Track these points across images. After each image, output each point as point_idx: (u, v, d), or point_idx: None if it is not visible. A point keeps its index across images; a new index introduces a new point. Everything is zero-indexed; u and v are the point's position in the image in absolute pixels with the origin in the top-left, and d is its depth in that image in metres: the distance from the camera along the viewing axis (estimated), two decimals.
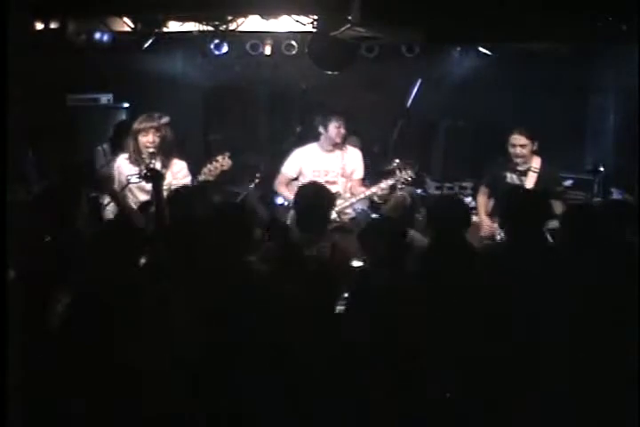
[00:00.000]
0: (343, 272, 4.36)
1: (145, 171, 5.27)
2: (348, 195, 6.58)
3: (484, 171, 6.68)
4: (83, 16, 7.39)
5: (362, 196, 6.53)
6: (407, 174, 6.42)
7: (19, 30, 6.01)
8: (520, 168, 6.25)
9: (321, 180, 6.51)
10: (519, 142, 6.16)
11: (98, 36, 7.67)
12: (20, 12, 5.89)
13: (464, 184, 8.08)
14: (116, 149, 6.46)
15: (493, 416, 3.39)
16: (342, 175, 6.60)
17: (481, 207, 6.56)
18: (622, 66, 7.55)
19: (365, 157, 6.88)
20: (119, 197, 5.55)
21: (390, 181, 6.44)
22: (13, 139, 3.98)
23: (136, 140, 5.81)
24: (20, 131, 5.67)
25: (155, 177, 5.06)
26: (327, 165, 6.61)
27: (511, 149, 6.20)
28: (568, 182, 7.44)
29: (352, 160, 6.66)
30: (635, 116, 7.14)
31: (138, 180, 5.49)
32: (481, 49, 8.17)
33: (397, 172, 6.42)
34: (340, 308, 3.82)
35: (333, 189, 6.53)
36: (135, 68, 8.26)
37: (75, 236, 4.26)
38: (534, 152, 6.26)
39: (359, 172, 6.70)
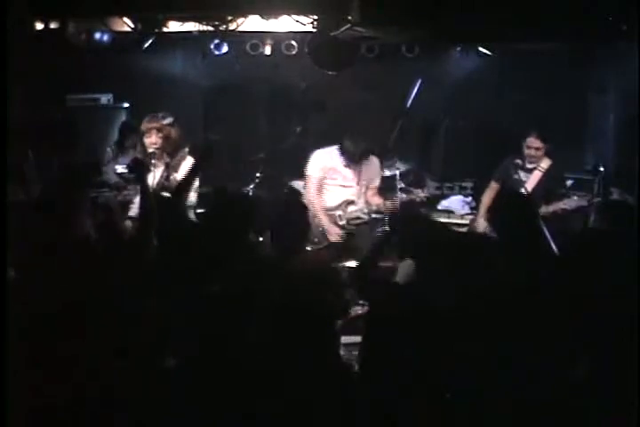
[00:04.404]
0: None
1: (130, 163, 5.28)
2: (361, 203, 6.61)
3: (497, 167, 6.76)
4: (83, 16, 7.38)
5: (374, 208, 6.58)
6: (423, 194, 6.55)
7: (19, 30, 6.03)
8: (529, 166, 6.49)
9: (338, 184, 6.54)
10: (534, 145, 6.44)
11: (98, 36, 7.67)
12: (19, 12, 5.91)
13: (464, 184, 8.07)
14: (121, 149, 6.51)
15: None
16: (358, 183, 6.61)
17: (484, 202, 6.68)
18: (622, 66, 7.55)
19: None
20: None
21: (405, 198, 6.53)
22: (13, 139, 3.98)
23: (142, 140, 5.92)
24: (20, 131, 5.69)
25: (139, 169, 5.01)
26: (345, 170, 6.61)
27: (526, 151, 6.49)
28: (568, 182, 7.46)
29: (370, 169, 6.67)
30: (635, 116, 7.13)
31: (123, 171, 5.60)
32: (481, 49, 8.17)
33: (413, 190, 6.55)
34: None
35: (348, 193, 6.56)
36: (135, 68, 8.26)
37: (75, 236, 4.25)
38: (546, 153, 6.49)
39: (376, 180, 6.72)
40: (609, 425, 3.38)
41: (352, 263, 5.92)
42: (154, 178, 5.86)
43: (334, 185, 6.58)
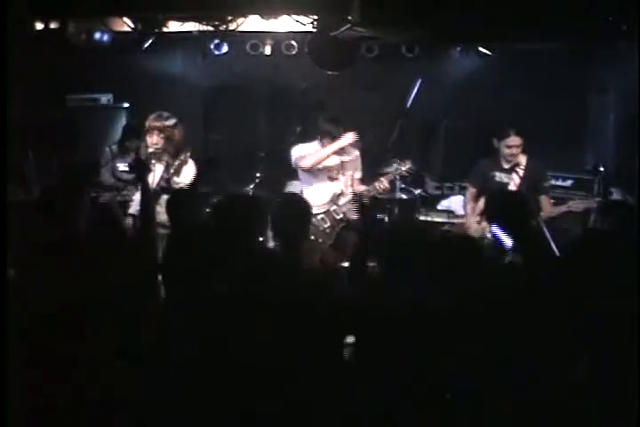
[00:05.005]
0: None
1: (131, 162, 5.28)
2: (349, 193, 6.59)
3: (471, 171, 6.72)
4: (83, 16, 7.39)
5: (365, 192, 6.55)
6: (405, 167, 6.50)
7: (19, 30, 6.03)
8: (507, 166, 6.37)
9: (324, 176, 6.52)
10: (516, 143, 6.31)
11: (98, 36, 7.68)
12: (19, 12, 5.91)
13: (464, 184, 8.07)
14: (123, 150, 6.51)
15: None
16: (343, 174, 6.60)
17: (469, 208, 6.63)
18: (622, 66, 7.55)
19: (365, 157, 6.87)
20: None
21: (390, 177, 6.50)
22: (13, 139, 3.98)
23: (145, 138, 5.92)
24: (20, 131, 5.69)
25: (140, 168, 5.01)
26: (328, 162, 6.60)
27: (506, 150, 6.32)
28: (568, 182, 7.46)
29: (353, 160, 6.67)
30: (635, 116, 7.13)
31: (125, 169, 5.63)
32: (481, 49, 8.17)
33: (395, 165, 6.50)
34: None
35: (336, 186, 6.55)
36: (135, 68, 8.26)
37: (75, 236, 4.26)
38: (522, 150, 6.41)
39: (358, 171, 6.71)
40: (609, 425, 3.38)
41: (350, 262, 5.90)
42: (154, 178, 5.88)
43: (322, 179, 6.56)
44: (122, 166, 5.84)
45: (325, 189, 6.52)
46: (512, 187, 6.28)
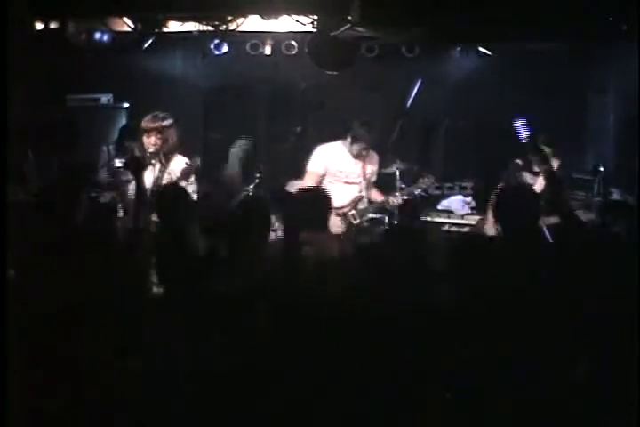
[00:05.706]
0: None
1: (127, 160, 5.30)
2: (367, 200, 6.60)
3: (502, 171, 6.74)
4: (83, 16, 7.40)
5: (385, 201, 6.55)
6: (427, 184, 6.52)
7: (19, 30, 6.04)
8: (537, 169, 6.37)
9: (342, 180, 6.51)
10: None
11: (98, 36, 7.68)
12: (19, 12, 5.92)
13: (464, 184, 8.07)
14: (120, 150, 6.50)
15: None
16: (363, 178, 6.59)
17: (492, 206, 6.67)
18: (622, 66, 7.55)
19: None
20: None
21: (408, 191, 6.52)
22: (13, 139, 3.98)
23: (140, 139, 5.91)
24: (20, 131, 5.70)
25: (135, 166, 5.02)
26: (351, 166, 6.58)
27: (534, 156, 6.35)
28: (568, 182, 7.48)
29: (371, 163, 6.68)
30: (635, 116, 7.13)
31: (120, 166, 5.67)
32: (481, 49, 8.18)
33: (420, 179, 6.52)
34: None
35: (354, 190, 6.55)
36: (135, 68, 8.26)
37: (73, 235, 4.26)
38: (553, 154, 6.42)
39: (375, 175, 6.73)
40: (609, 425, 3.38)
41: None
42: (153, 177, 5.88)
43: (339, 182, 6.53)
44: (118, 163, 5.84)
45: (345, 191, 6.50)
46: (536, 188, 6.28)
